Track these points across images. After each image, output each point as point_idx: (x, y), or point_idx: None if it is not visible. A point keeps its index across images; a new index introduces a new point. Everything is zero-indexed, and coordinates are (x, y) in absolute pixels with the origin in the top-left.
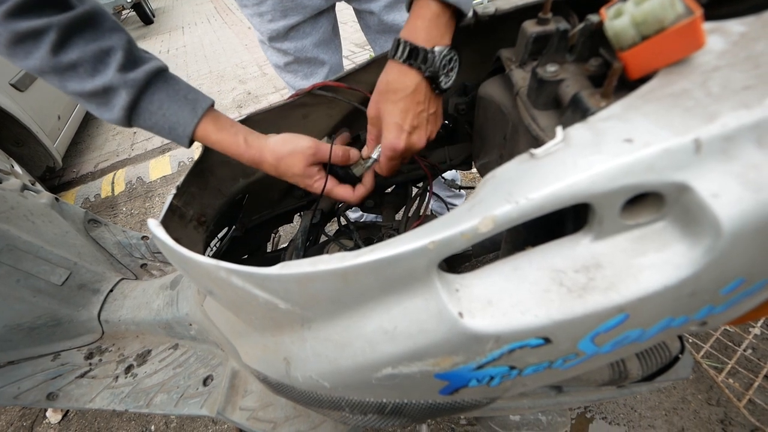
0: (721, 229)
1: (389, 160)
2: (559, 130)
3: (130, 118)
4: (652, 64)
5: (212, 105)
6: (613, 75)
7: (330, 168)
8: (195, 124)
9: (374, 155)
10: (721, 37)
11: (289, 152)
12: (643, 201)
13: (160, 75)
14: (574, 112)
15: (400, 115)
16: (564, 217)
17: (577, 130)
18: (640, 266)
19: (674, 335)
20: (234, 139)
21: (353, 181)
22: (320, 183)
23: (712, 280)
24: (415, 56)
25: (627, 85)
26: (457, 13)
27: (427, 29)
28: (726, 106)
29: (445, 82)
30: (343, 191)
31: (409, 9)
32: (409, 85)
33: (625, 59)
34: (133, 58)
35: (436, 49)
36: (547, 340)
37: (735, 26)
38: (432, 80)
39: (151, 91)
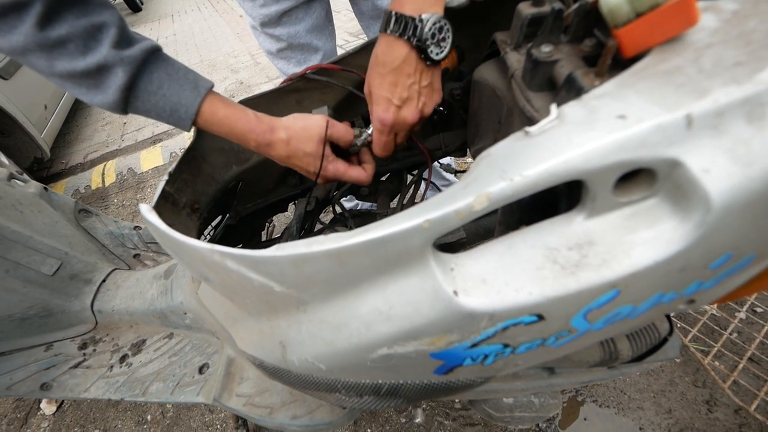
0: (711, 204)
1: (380, 134)
2: (553, 107)
3: (126, 100)
4: (646, 41)
5: (212, 87)
6: (607, 53)
7: (335, 150)
8: (199, 104)
9: (369, 131)
10: (713, 14)
11: (302, 127)
12: (636, 178)
13: (157, 54)
14: (569, 91)
15: (388, 88)
16: (557, 196)
17: (571, 107)
18: (632, 242)
19: (663, 313)
20: (243, 115)
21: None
22: (335, 164)
23: (702, 254)
24: (401, 26)
25: (621, 63)
26: None
27: None
28: (717, 82)
29: (437, 52)
30: (356, 173)
31: None
32: (398, 57)
33: (620, 37)
34: (127, 35)
35: (424, 16)
36: (540, 317)
37: (727, 4)
38: (421, 50)
39: (150, 69)
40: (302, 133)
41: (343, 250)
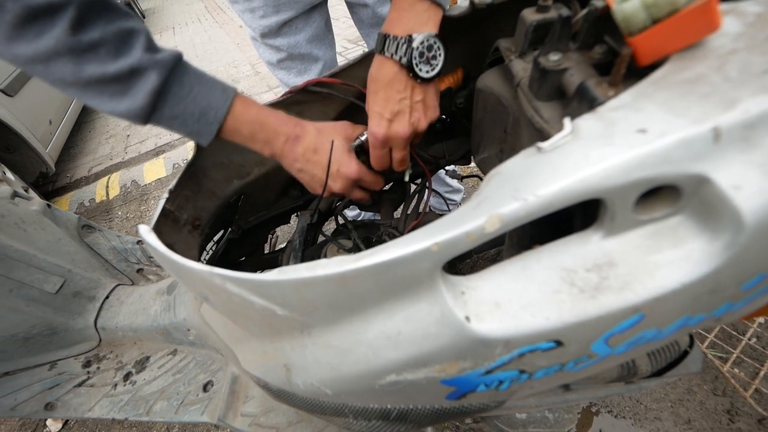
0: (743, 223)
1: (374, 148)
2: (567, 121)
3: (154, 106)
4: (664, 48)
5: (237, 91)
6: (621, 62)
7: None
8: (228, 107)
9: (362, 137)
10: (736, 18)
11: (332, 127)
12: (658, 194)
13: (183, 60)
14: (580, 102)
15: (380, 104)
16: (572, 212)
17: (586, 121)
18: (656, 263)
19: (688, 333)
20: (272, 111)
21: None
22: (357, 166)
23: (733, 276)
24: (390, 46)
25: (636, 72)
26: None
27: (404, 19)
28: (746, 91)
29: (426, 70)
30: (374, 178)
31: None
32: (387, 74)
33: (635, 44)
34: (154, 42)
35: (413, 36)
36: (558, 343)
37: (750, 6)
38: (410, 68)
39: (180, 73)
40: (332, 132)
41: (347, 275)
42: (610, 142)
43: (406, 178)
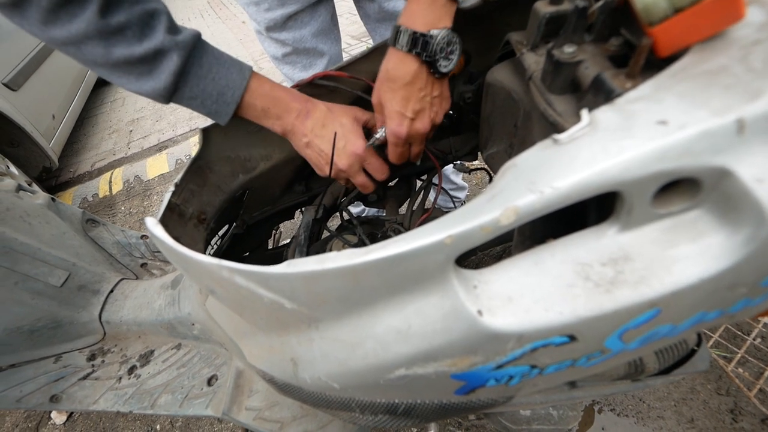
0: (766, 217)
1: (395, 147)
2: (584, 113)
3: (176, 85)
4: (685, 39)
5: (252, 68)
6: (640, 53)
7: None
8: (245, 87)
9: (378, 134)
10: (760, 8)
11: (342, 108)
12: (677, 188)
13: (202, 40)
14: (596, 95)
15: (401, 103)
16: (586, 205)
17: (604, 113)
18: (673, 258)
19: (702, 329)
20: (284, 87)
21: None
22: (363, 144)
23: (753, 271)
24: (412, 42)
25: (653, 64)
26: None
27: (424, 13)
28: None
29: (445, 65)
30: (380, 162)
31: None
32: (408, 72)
33: (655, 35)
34: (174, 23)
35: (434, 32)
36: (572, 338)
37: None
38: (431, 65)
39: (199, 54)
40: (340, 109)
41: (357, 268)
42: (629, 134)
43: (418, 163)
